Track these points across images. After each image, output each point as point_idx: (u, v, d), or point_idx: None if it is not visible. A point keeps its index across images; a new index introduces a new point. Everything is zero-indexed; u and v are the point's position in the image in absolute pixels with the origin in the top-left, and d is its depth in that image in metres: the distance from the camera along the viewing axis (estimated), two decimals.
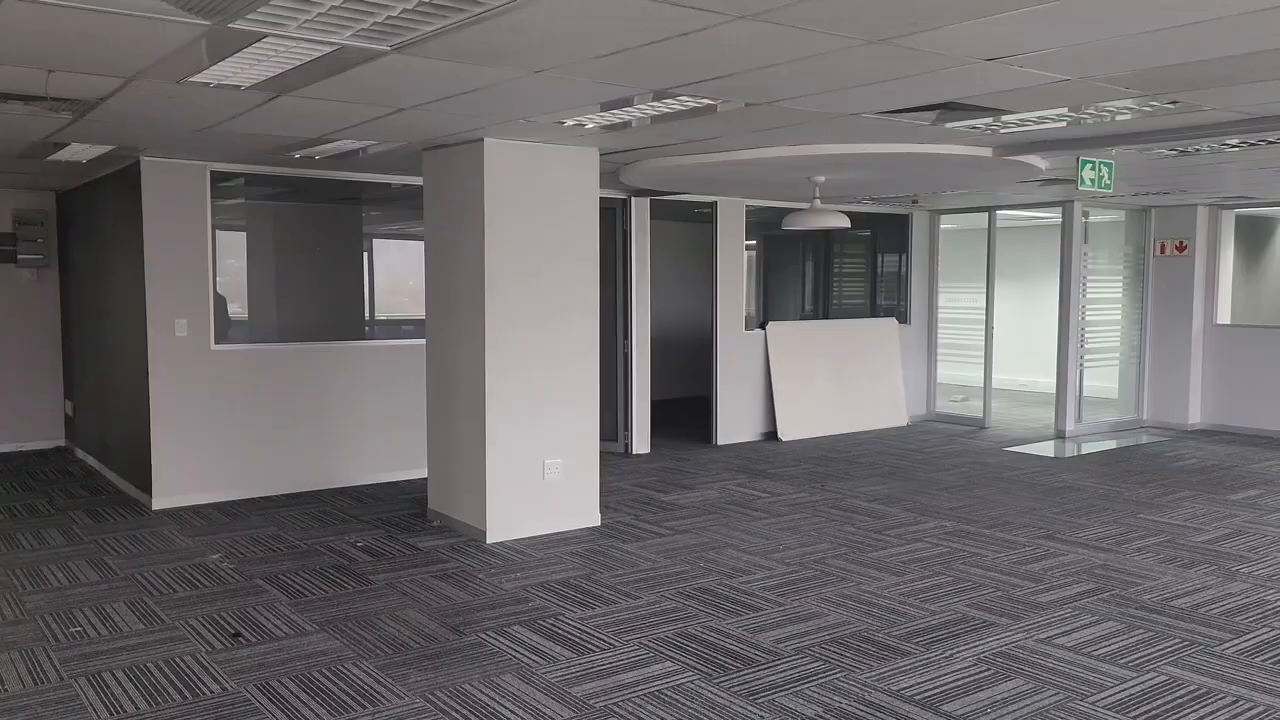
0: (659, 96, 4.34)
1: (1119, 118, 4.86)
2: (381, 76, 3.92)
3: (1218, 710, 3.60)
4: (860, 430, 10.00)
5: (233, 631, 4.37)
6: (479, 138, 5.61)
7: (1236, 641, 4.28)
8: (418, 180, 6.66)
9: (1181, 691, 3.77)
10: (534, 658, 4.09)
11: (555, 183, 5.96)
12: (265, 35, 3.28)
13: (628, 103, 4.52)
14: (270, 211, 7.44)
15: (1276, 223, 12.05)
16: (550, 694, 3.73)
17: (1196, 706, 3.63)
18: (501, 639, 4.30)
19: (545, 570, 5.32)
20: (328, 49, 3.46)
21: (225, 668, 3.97)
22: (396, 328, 7.94)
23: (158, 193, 6.55)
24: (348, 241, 7.75)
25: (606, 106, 4.65)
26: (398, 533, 6.05)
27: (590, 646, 4.22)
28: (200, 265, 6.75)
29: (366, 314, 7.86)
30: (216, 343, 6.84)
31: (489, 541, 5.84)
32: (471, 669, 3.97)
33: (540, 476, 6.02)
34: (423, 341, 6.61)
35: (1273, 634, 4.37)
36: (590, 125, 5.13)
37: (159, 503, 6.63)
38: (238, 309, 7.27)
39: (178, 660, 4.05)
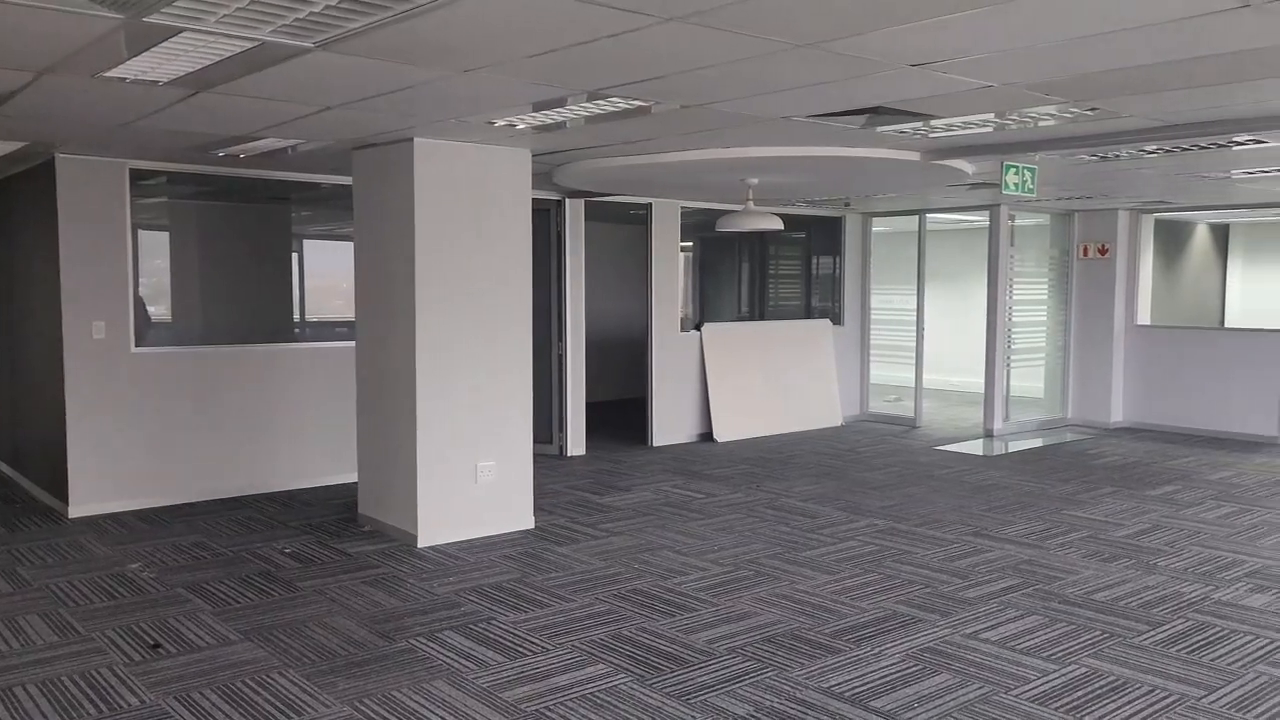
0: (592, 97, 4.33)
1: (1042, 123, 4.97)
2: (306, 74, 3.84)
3: (1134, 699, 3.70)
4: (795, 431, 10.09)
5: (152, 642, 4.25)
6: (409, 137, 5.54)
7: (1153, 633, 4.41)
8: (349, 180, 6.55)
9: (1101, 683, 3.86)
10: (465, 663, 4.05)
11: (487, 183, 5.91)
12: (182, 30, 3.19)
13: (560, 103, 4.50)
14: (195, 211, 7.26)
15: (1193, 227, 12.46)
16: (481, 699, 3.69)
17: (1114, 697, 3.73)
18: (432, 644, 4.25)
19: (478, 574, 5.27)
20: (248, 45, 3.38)
21: (144, 680, 3.86)
22: (329, 330, 7.80)
23: (74, 191, 6.35)
24: (276, 242, 7.60)
25: (539, 107, 4.62)
26: (327, 538, 5.94)
27: (523, 650, 4.19)
28: (119, 266, 6.55)
29: (296, 316, 7.71)
30: (137, 345, 6.65)
31: (420, 546, 5.76)
32: (401, 676, 3.91)
33: (473, 479, 5.96)
34: (355, 344, 6.50)
35: (1187, 625, 4.51)
36: (522, 126, 5.10)
37: (76, 511, 6.42)
38: (160, 311, 7.08)
39: (93, 673, 3.92)
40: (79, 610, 4.67)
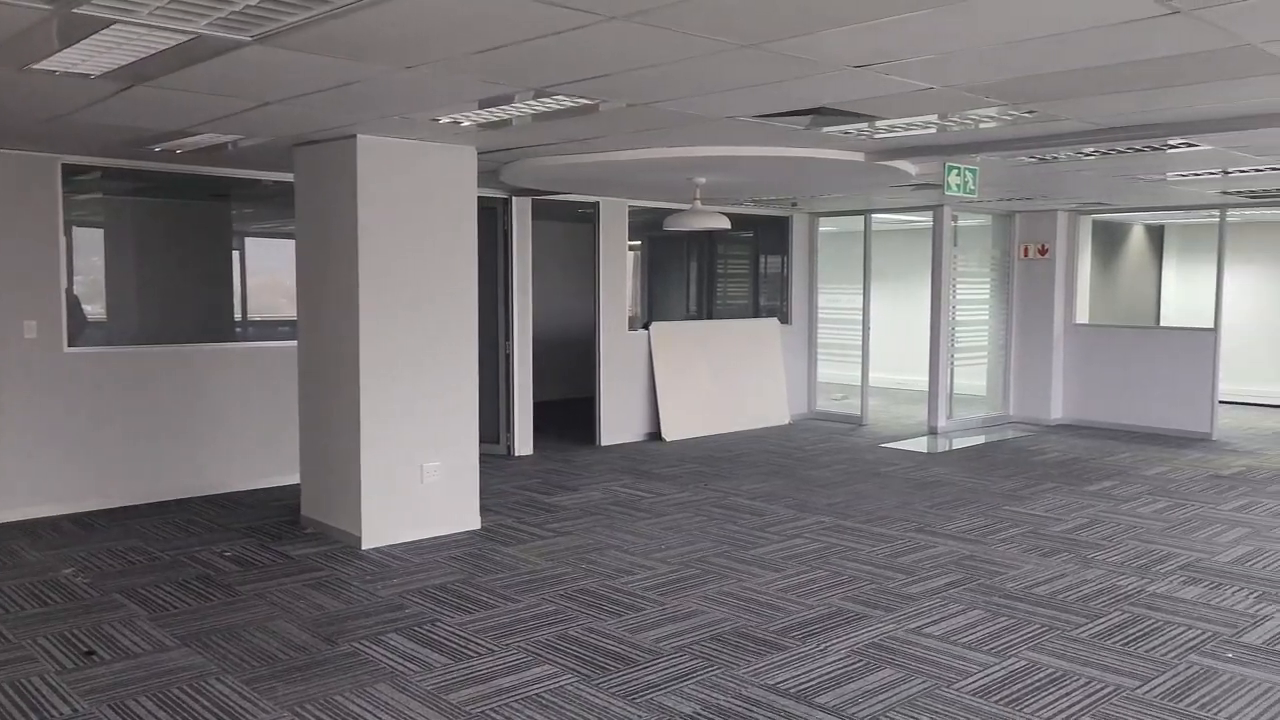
0: (538, 95, 4.30)
1: (983, 125, 5.05)
2: (243, 68, 3.77)
3: (1072, 691, 3.77)
4: (743, 429, 10.14)
5: (86, 649, 4.14)
6: (351, 134, 5.47)
7: (1090, 625, 4.50)
8: (291, 176, 6.44)
9: (1040, 675, 3.93)
10: (409, 665, 4.00)
11: (432, 181, 5.85)
12: (114, 21, 3.11)
13: (506, 101, 4.47)
14: (131, 207, 7.09)
15: (1130, 228, 12.75)
16: (426, 702, 3.66)
17: (1053, 689, 3.80)
18: (376, 648, 4.19)
19: (423, 576, 5.21)
20: (183, 38, 3.31)
21: (76, 688, 3.76)
22: (272, 329, 7.66)
23: (3, 187, 6.16)
24: (216, 239, 7.45)
25: (484, 104, 4.58)
26: (269, 541, 5.84)
27: (468, 652, 4.15)
28: (51, 264, 6.37)
29: (237, 315, 7.57)
30: (70, 345, 6.48)
31: (365, 548, 5.69)
32: (344, 680, 3.86)
33: (418, 480, 5.90)
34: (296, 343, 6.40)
35: (1123, 617, 4.61)
36: (467, 123, 5.05)
37: (6, 515, 6.24)
38: (95, 310, 6.91)
39: (23, 682, 3.81)
40: (9, 618, 4.53)
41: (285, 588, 4.99)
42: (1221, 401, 9.89)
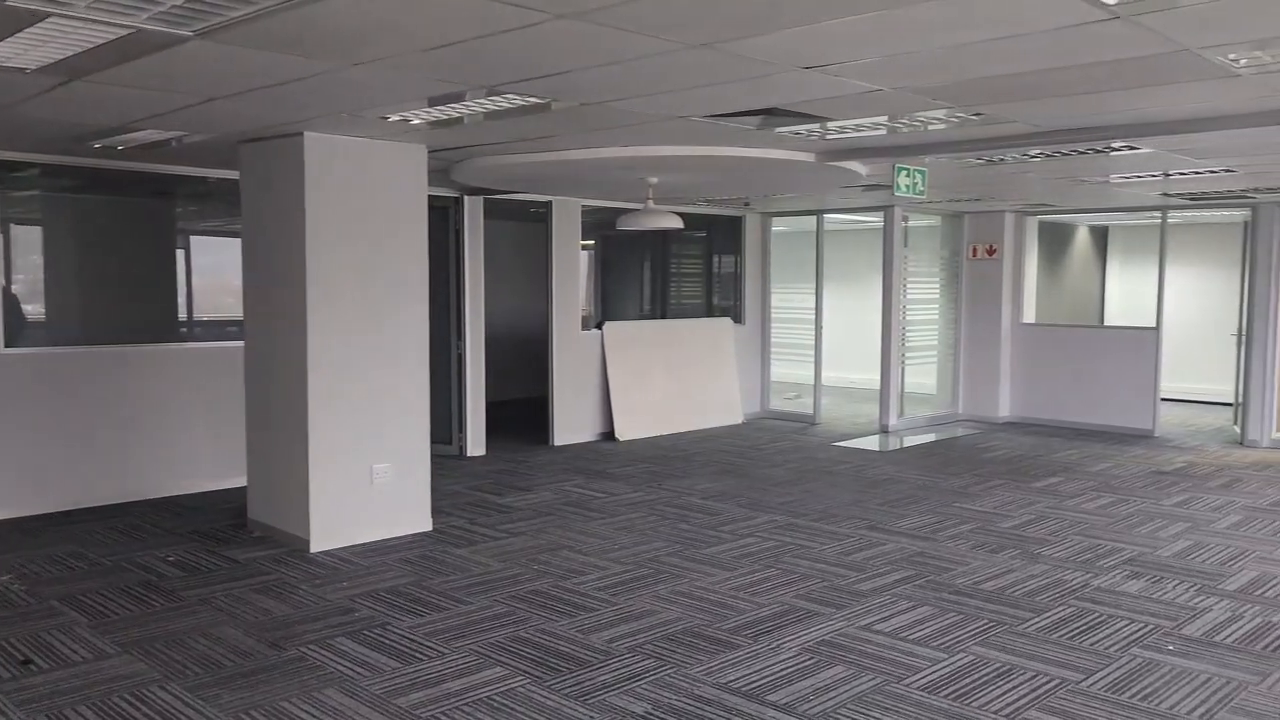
0: (489, 93, 4.27)
1: (931, 127, 5.10)
2: (186, 64, 3.69)
3: (1018, 685, 3.83)
4: (696, 429, 10.17)
5: (23, 659, 4.03)
6: (298, 131, 5.39)
7: (1037, 619, 4.57)
8: (238, 174, 6.33)
9: (987, 669, 3.98)
10: (359, 670, 3.95)
11: (381, 179, 5.78)
12: (49, 14, 3.03)
13: (457, 99, 4.43)
14: (72, 205, 6.91)
15: (1075, 229, 12.99)
16: (375, 706, 3.61)
17: (1000, 683, 3.85)
18: (324, 652, 4.13)
19: (373, 579, 5.15)
20: (122, 32, 3.23)
21: (12, 698, 3.65)
22: (219, 329, 7.53)
23: None
24: (160, 238, 7.30)
25: (434, 102, 4.54)
26: (214, 545, 5.74)
27: (418, 655, 4.11)
28: None
29: (184, 314, 7.42)
30: (8, 345, 6.31)
31: (313, 551, 5.61)
32: (290, 685, 3.80)
33: (368, 482, 5.83)
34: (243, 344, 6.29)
35: (1068, 611, 4.69)
36: (417, 121, 5.00)
37: None
38: (35, 309, 6.74)
39: None
40: None
41: (231, 592, 4.90)
42: (1163, 399, 10.11)
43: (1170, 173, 7.03)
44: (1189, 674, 3.96)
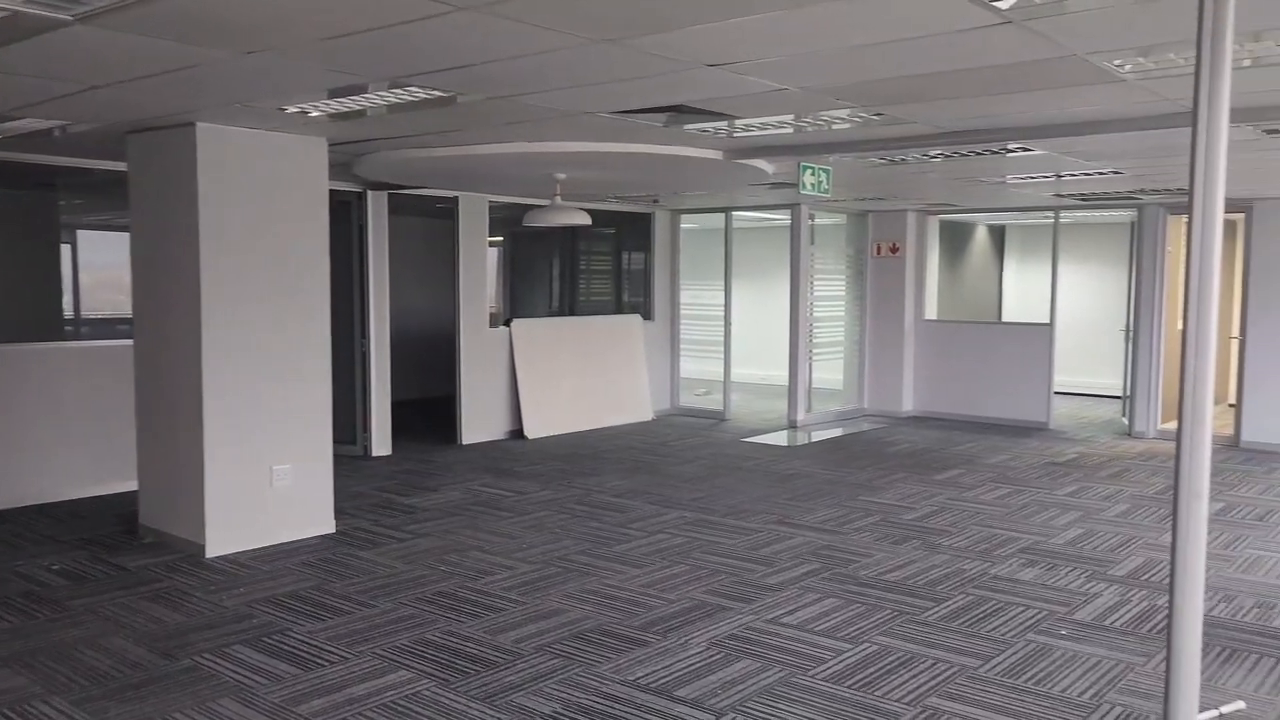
0: (392, 86, 4.17)
1: (835, 127, 5.18)
2: (66, 49, 3.52)
3: (920, 673, 3.92)
4: (606, 426, 10.16)
5: None
6: (190, 121, 5.19)
7: (937, 608, 4.68)
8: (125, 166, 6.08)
9: (890, 658, 4.06)
10: (256, 678, 3.83)
11: (279, 173, 5.62)
12: None
13: (359, 91, 4.32)
14: None
15: (974, 228, 13.37)
16: (272, 715, 3.50)
17: (902, 671, 3.93)
18: (220, 661, 4.00)
19: (272, 583, 5.00)
20: None
21: None
22: (109, 327, 7.22)
23: None
24: (42, 232, 6.96)
25: (334, 94, 4.42)
26: (102, 552, 5.50)
27: (319, 661, 4.00)
28: None
29: (69, 312, 7.10)
30: None
31: (209, 556, 5.42)
32: (183, 696, 3.66)
33: (267, 484, 5.66)
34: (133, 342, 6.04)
35: (967, 599, 4.82)
36: (316, 113, 4.87)
37: None
38: None
39: None
40: None
41: (120, 601, 4.70)
42: (1056, 392, 10.49)
43: (1062, 174, 7.29)
44: (1081, 657, 4.10)
